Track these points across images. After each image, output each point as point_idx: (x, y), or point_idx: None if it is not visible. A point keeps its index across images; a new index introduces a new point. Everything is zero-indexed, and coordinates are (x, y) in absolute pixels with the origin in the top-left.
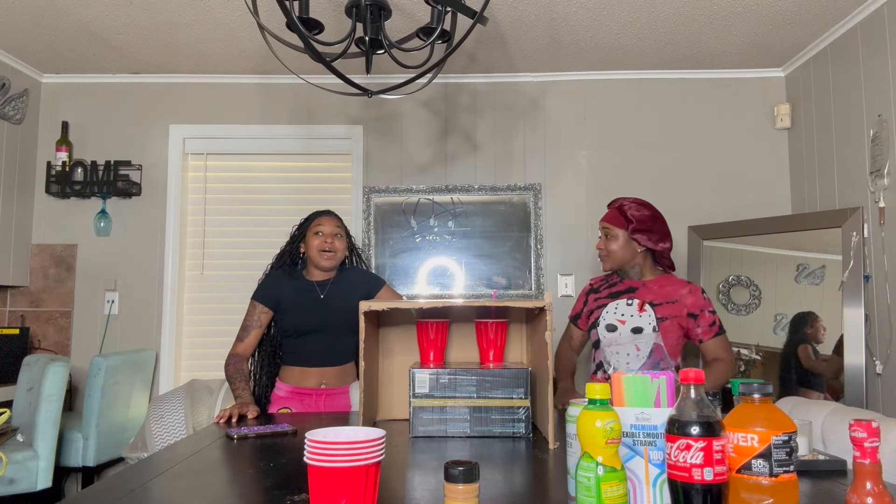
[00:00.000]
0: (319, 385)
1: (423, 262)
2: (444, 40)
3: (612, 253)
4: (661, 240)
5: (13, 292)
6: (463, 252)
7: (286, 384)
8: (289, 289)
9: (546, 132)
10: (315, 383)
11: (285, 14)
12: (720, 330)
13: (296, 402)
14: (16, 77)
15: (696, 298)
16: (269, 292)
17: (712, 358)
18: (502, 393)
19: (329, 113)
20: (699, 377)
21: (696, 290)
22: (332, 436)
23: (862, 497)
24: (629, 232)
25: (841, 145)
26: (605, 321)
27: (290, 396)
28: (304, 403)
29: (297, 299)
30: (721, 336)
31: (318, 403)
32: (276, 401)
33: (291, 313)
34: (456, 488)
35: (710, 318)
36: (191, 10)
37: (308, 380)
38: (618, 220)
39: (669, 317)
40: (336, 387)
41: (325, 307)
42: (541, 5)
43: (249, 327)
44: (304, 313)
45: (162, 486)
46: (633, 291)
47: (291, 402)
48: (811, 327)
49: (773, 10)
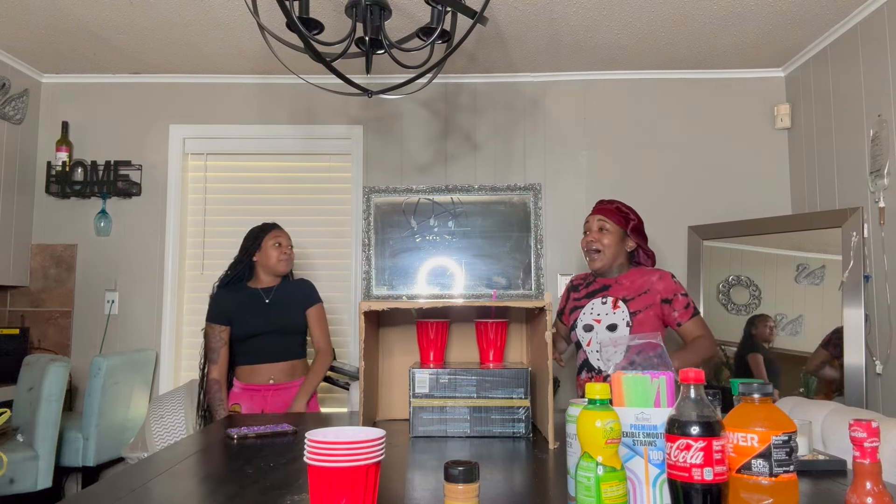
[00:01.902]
0: (268, 381)
1: (423, 262)
2: (444, 40)
3: (605, 248)
4: (646, 242)
5: (13, 292)
6: (463, 252)
7: (239, 381)
8: (235, 302)
9: (546, 132)
10: (264, 379)
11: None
12: (696, 311)
13: (245, 398)
14: (16, 77)
15: (667, 283)
16: (221, 311)
17: (693, 338)
18: (502, 393)
19: (329, 113)
20: (699, 377)
21: (665, 275)
22: (332, 436)
23: (862, 497)
24: (629, 230)
25: (841, 145)
26: (582, 322)
27: (240, 393)
28: (253, 399)
29: (245, 308)
30: (698, 316)
31: (266, 398)
32: (231, 397)
33: (242, 321)
34: (456, 488)
35: (684, 300)
36: (191, 10)
37: (257, 376)
38: (616, 218)
39: (644, 308)
40: (284, 382)
41: (271, 310)
42: (541, 5)
43: (216, 348)
44: (253, 318)
45: (162, 486)
46: (606, 289)
47: (241, 398)
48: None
49: (773, 10)
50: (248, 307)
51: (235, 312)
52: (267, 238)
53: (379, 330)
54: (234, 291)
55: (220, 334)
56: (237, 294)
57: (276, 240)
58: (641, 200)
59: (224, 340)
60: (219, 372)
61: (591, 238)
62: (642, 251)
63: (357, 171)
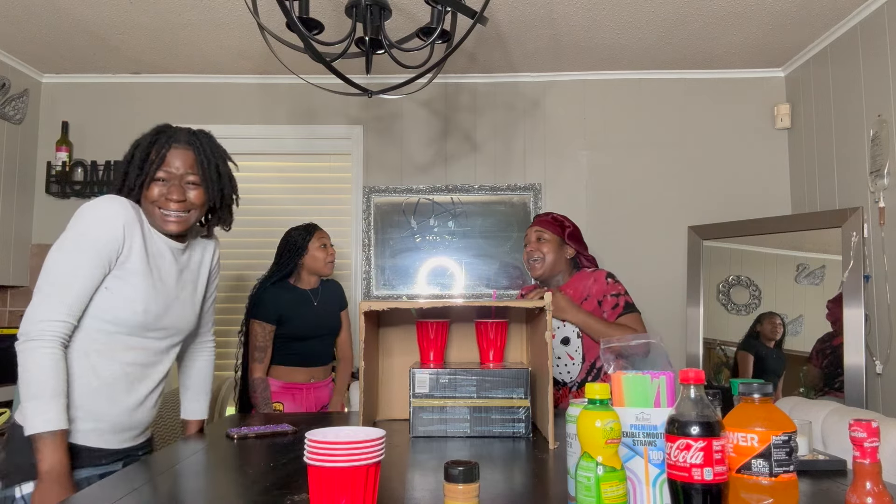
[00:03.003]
0: (310, 380)
1: (423, 262)
2: (444, 40)
3: (545, 256)
4: (585, 248)
5: (13, 292)
6: (463, 252)
7: (277, 380)
8: (286, 302)
9: (546, 132)
10: (305, 378)
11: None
12: (626, 309)
13: (287, 396)
14: (16, 77)
15: (600, 286)
16: (272, 310)
17: None
18: (502, 393)
19: (329, 113)
20: (699, 377)
21: (599, 277)
22: (332, 436)
23: (862, 497)
24: (565, 237)
25: (841, 145)
26: None
27: (281, 391)
28: (295, 397)
29: (296, 309)
30: (629, 315)
31: (307, 396)
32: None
33: (291, 322)
34: (456, 488)
35: (613, 300)
36: (191, 10)
37: (298, 375)
38: (552, 227)
39: None
40: (321, 380)
41: (318, 313)
42: (541, 5)
43: (263, 347)
44: (304, 320)
45: (162, 486)
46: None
47: (283, 397)
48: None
49: (773, 10)
50: (299, 308)
51: (286, 313)
52: (313, 240)
53: (379, 330)
54: (284, 290)
55: (269, 333)
56: (287, 294)
57: (321, 241)
58: (641, 200)
59: (270, 340)
60: (263, 371)
61: (531, 249)
62: (583, 257)
63: (357, 171)
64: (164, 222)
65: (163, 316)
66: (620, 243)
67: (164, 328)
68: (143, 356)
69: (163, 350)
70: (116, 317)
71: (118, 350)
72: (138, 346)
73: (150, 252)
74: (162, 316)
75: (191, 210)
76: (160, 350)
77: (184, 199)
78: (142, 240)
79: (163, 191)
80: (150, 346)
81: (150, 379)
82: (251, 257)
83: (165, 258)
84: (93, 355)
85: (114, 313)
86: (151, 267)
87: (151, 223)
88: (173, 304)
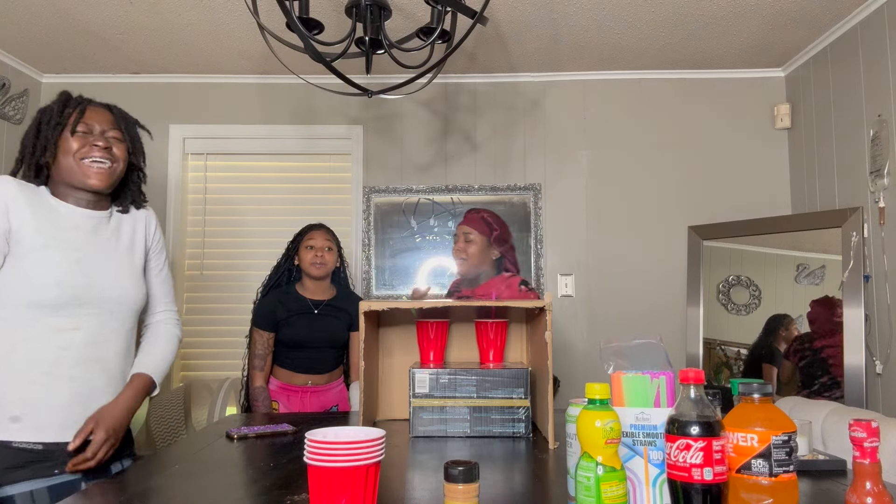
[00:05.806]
0: (306, 384)
1: (423, 262)
2: (444, 40)
3: (471, 256)
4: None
5: None
6: None
7: (276, 380)
8: (284, 308)
9: (546, 132)
10: (302, 382)
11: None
12: None
13: (283, 397)
14: (16, 77)
15: (512, 291)
16: (269, 318)
17: None
18: (502, 393)
19: (329, 113)
20: (699, 377)
21: (513, 283)
22: (332, 436)
23: (862, 497)
24: (491, 239)
25: (841, 145)
26: None
27: (278, 391)
28: (290, 399)
29: (291, 317)
30: None
31: (304, 399)
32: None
33: (288, 328)
34: (456, 488)
35: None
36: (191, 10)
37: (295, 379)
38: (481, 227)
39: None
40: (321, 385)
41: (316, 323)
42: (541, 5)
43: (262, 356)
44: (297, 329)
45: (162, 486)
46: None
47: (280, 397)
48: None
49: (773, 10)
50: (294, 316)
51: (282, 318)
52: (303, 240)
53: (379, 330)
54: (281, 296)
55: (268, 341)
56: (287, 299)
57: (309, 242)
58: (641, 200)
59: (270, 347)
60: (263, 379)
61: (457, 248)
62: (508, 260)
63: (357, 171)
64: (88, 175)
65: (88, 289)
66: (620, 243)
67: (95, 302)
68: (82, 336)
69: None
70: (28, 297)
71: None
72: (69, 327)
73: (54, 224)
74: (87, 289)
75: (114, 163)
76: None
77: (109, 147)
78: (34, 214)
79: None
80: (87, 324)
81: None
82: (250, 257)
83: (81, 229)
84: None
85: (24, 294)
86: (59, 239)
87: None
88: (100, 276)
